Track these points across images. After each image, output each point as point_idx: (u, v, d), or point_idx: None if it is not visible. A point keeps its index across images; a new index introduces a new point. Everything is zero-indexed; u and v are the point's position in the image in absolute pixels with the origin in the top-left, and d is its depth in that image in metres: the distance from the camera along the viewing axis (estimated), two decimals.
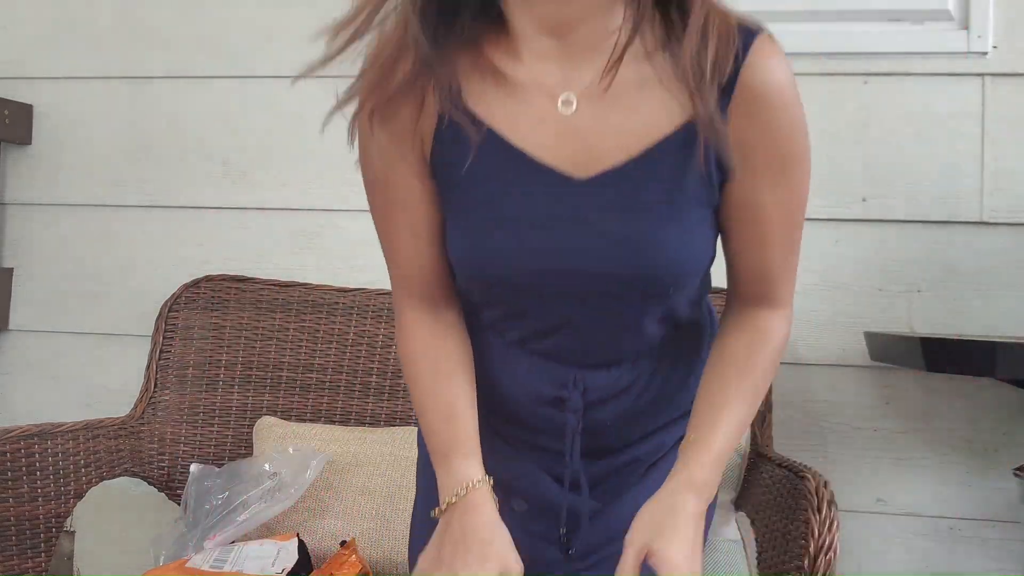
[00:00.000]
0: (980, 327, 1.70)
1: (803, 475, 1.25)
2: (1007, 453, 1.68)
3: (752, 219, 0.91)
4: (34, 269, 2.03)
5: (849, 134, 1.76)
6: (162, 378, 1.76)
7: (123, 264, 2.00)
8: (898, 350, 1.55)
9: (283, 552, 1.41)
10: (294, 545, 1.42)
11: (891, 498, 1.71)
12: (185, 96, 1.99)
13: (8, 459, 1.42)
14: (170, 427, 1.73)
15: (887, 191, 1.74)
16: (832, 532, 1.14)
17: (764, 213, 0.90)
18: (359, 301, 1.78)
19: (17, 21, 2.06)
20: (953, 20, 1.74)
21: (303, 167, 1.93)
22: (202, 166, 1.97)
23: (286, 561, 1.39)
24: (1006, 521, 1.67)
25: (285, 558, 1.39)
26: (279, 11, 1.96)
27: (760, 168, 0.87)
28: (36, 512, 1.45)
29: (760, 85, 0.85)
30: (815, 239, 1.76)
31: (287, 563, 1.38)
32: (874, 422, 1.73)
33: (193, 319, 1.79)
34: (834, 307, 1.75)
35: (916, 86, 1.74)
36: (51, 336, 2.02)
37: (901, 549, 1.71)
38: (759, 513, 1.37)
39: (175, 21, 2.00)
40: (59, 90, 2.04)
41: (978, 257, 1.71)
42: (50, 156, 2.03)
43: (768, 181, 0.88)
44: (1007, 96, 1.71)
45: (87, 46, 2.03)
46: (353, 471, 1.58)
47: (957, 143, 1.72)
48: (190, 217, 1.97)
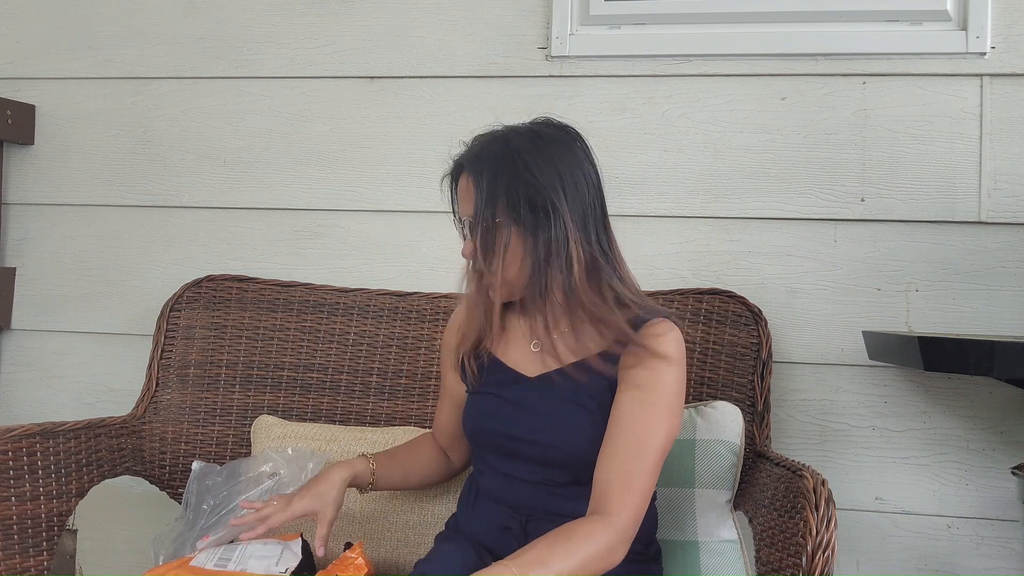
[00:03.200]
0: (978, 326, 1.71)
1: (801, 474, 1.25)
2: (1005, 452, 1.68)
3: (610, 429, 1.23)
4: (36, 269, 2.04)
5: (848, 134, 1.76)
6: (163, 377, 1.76)
7: (125, 264, 2.00)
8: (896, 349, 1.55)
9: (287, 552, 1.41)
10: (298, 545, 1.43)
11: (889, 497, 1.72)
12: (186, 96, 2.00)
13: (10, 458, 1.43)
14: (171, 426, 1.74)
15: (886, 191, 1.75)
16: (830, 531, 1.15)
17: (616, 427, 1.22)
18: (360, 301, 1.79)
19: (20, 22, 2.07)
20: (951, 20, 1.74)
21: (304, 167, 1.94)
22: (203, 166, 1.98)
23: (290, 561, 1.39)
24: (1004, 520, 1.68)
25: (289, 558, 1.40)
26: (279, 11, 1.97)
27: (628, 389, 1.23)
28: (38, 511, 1.46)
29: (645, 346, 1.25)
30: (814, 239, 1.77)
31: (291, 563, 1.38)
32: (872, 421, 1.73)
33: (194, 319, 1.79)
34: (832, 306, 1.75)
35: (915, 86, 1.75)
36: (53, 335, 2.03)
37: (899, 548, 1.71)
38: (757, 512, 1.37)
39: (175, 21, 2.01)
40: (61, 91, 2.05)
41: (976, 257, 1.72)
42: (52, 156, 2.04)
43: (629, 401, 1.23)
44: (1005, 96, 1.72)
45: (89, 47, 2.04)
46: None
47: (955, 143, 1.73)
48: (191, 217, 1.98)
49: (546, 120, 1.30)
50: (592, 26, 1.86)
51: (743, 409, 1.55)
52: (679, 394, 1.25)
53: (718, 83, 1.81)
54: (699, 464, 1.48)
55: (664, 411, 1.22)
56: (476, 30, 1.90)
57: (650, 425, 1.21)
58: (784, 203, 1.78)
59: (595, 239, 1.26)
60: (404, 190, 1.90)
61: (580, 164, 1.26)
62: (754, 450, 1.55)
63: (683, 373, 1.26)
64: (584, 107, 1.85)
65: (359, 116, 1.93)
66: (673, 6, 1.84)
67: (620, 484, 1.18)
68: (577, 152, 1.27)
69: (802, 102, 1.79)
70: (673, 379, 1.24)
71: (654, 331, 1.25)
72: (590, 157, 1.29)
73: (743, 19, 1.81)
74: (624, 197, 1.83)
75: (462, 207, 1.29)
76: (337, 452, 1.62)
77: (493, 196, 1.23)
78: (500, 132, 1.28)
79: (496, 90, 1.88)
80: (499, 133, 1.28)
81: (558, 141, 1.27)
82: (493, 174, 1.23)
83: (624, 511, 1.16)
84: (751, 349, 1.62)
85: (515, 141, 1.25)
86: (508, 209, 1.22)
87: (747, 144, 1.80)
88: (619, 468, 1.19)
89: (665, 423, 1.22)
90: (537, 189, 1.22)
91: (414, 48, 1.92)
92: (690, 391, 1.63)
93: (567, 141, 1.28)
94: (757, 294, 1.73)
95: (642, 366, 1.23)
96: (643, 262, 1.80)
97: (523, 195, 1.22)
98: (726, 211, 1.80)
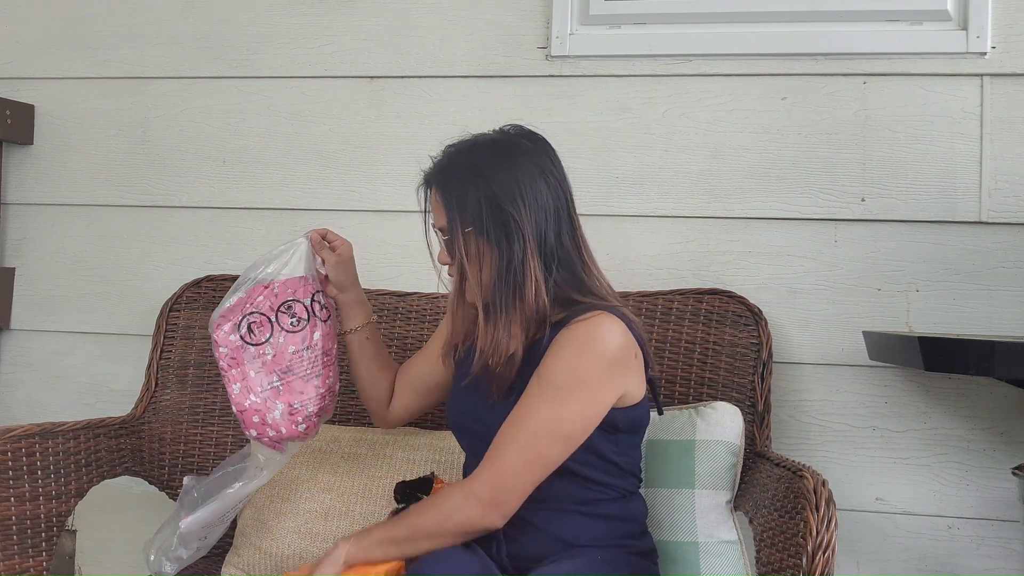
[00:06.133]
0: (978, 327, 1.71)
1: (801, 474, 1.25)
2: (1005, 452, 1.68)
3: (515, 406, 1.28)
4: (36, 269, 2.04)
5: (848, 134, 1.76)
6: (163, 378, 1.76)
7: (124, 264, 2.00)
8: (896, 349, 1.55)
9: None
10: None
11: (889, 497, 1.72)
12: (185, 96, 2.00)
13: (9, 458, 1.43)
14: (171, 426, 1.74)
15: (886, 191, 1.75)
16: (830, 531, 1.14)
17: (518, 403, 1.27)
18: None
19: (19, 22, 2.07)
20: (952, 20, 1.74)
21: (304, 167, 1.94)
22: (203, 166, 1.98)
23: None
24: (1004, 520, 1.67)
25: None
26: (279, 11, 1.97)
27: (538, 369, 1.28)
28: (37, 511, 1.46)
29: (564, 331, 1.28)
30: (814, 239, 1.77)
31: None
32: (872, 421, 1.73)
33: (194, 319, 1.79)
34: (833, 306, 1.75)
35: (915, 86, 1.75)
36: (52, 336, 2.02)
37: (899, 548, 1.71)
38: (757, 512, 1.37)
39: (175, 21, 2.01)
40: (61, 90, 2.04)
41: (976, 257, 1.71)
42: (52, 156, 2.04)
43: (532, 380, 1.27)
44: (1006, 96, 1.72)
45: (89, 46, 2.04)
46: (354, 472, 1.59)
47: (956, 143, 1.73)
48: (191, 217, 1.98)
49: (512, 128, 1.37)
50: (592, 26, 1.86)
51: (743, 409, 1.55)
52: (583, 381, 1.26)
53: (718, 83, 1.81)
54: (699, 464, 1.47)
55: (549, 391, 1.25)
56: (476, 30, 1.90)
57: (530, 403, 1.26)
58: (784, 203, 1.78)
59: (556, 246, 1.31)
60: (404, 190, 1.89)
61: (543, 171, 1.32)
62: (754, 450, 1.55)
63: (605, 363, 1.26)
64: (584, 107, 1.85)
65: (359, 116, 1.93)
66: (673, 6, 1.83)
67: (489, 455, 1.26)
68: (539, 159, 1.33)
69: (802, 102, 1.79)
70: (578, 362, 1.26)
71: (578, 318, 1.28)
72: (554, 162, 1.35)
73: (743, 19, 1.81)
74: (624, 197, 1.82)
75: (435, 218, 1.37)
76: (338, 453, 1.62)
77: (460, 208, 1.30)
78: (466, 144, 1.35)
79: (496, 90, 1.88)
80: (464, 145, 1.35)
81: (520, 150, 1.33)
82: (457, 187, 1.31)
83: (484, 479, 1.24)
84: (751, 349, 1.62)
85: (477, 153, 1.32)
86: (472, 220, 1.29)
87: (747, 144, 1.80)
88: (495, 440, 1.26)
89: (547, 403, 1.25)
90: (497, 200, 1.28)
91: (414, 48, 1.92)
92: (690, 391, 1.63)
93: (530, 149, 1.33)
94: (757, 294, 1.73)
95: (550, 350, 1.28)
96: (643, 262, 1.80)
97: (484, 206, 1.28)
98: (726, 211, 1.79)
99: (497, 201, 1.28)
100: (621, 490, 1.35)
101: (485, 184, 1.29)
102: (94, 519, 1.92)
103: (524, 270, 1.28)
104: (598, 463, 1.31)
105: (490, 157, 1.31)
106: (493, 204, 1.28)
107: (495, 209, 1.28)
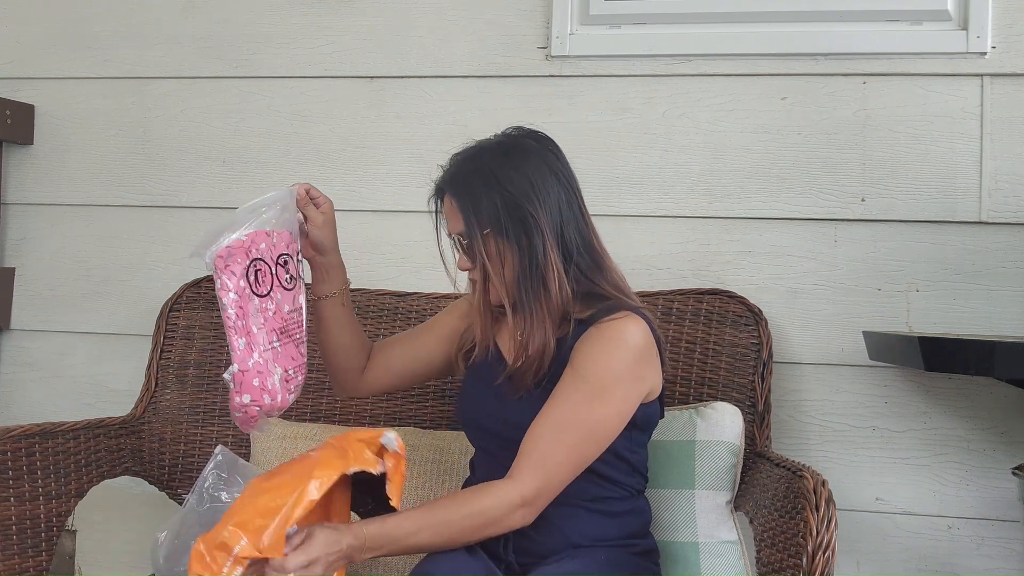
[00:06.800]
0: (978, 327, 1.71)
1: (801, 474, 1.25)
2: (1005, 452, 1.68)
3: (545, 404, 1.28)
4: (36, 269, 2.04)
5: (848, 134, 1.76)
6: (163, 378, 1.76)
7: (124, 264, 2.00)
8: (897, 349, 1.55)
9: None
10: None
11: (889, 497, 1.72)
12: (185, 96, 2.00)
13: (9, 458, 1.43)
14: (171, 426, 1.74)
15: (886, 191, 1.75)
16: (830, 531, 1.14)
17: (548, 402, 1.28)
18: (359, 301, 1.78)
19: (19, 22, 2.07)
20: (952, 20, 1.74)
21: (304, 167, 1.93)
22: (203, 166, 1.98)
23: None
24: (1004, 520, 1.67)
25: None
26: (279, 11, 1.97)
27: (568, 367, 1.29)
28: (37, 511, 1.46)
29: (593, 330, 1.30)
30: (814, 239, 1.77)
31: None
32: (872, 421, 1.73)
33: (194, 319, 1.79)
34: (833, 306, 1.75)
35: (915, 86, 1.75)
36: (52, 336, 2.02)
37: (899, 548, 1.71)
38: (757, 512, 1.37)
39: (174, 21, 2.01)
40: (61, 90, 2.04)
41: (977, 257, 1.71)
42: (52, 156, 2.04)
43: (564, 378, 1.29)
44: (1006, 96, 1.72)
45: (88, 47, 2.04)
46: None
47: (956, 143, 1.73)
48: (191, 217, 1.98)
49: (515, 130, 1.38)
50: (592, 26, 1.86)
51: (743, 409, 1.55)
52: (619, 380, 1.28)
53: (718, 83, 1.81)
54: (699, 465, 1.47)
55: (589, 391, 1.26)
56: (476, 30, 1.90)
57: (573, 405, 1.27)
58: (784, 203, 1.78)
59: (573, 238, 1.33)
60: (404, 190, 1.90)
61: (551, 167, 1.34)
62: (754, 450, 1.55)
63: (634, 362, 1.29)
64: (584, 107, 1.85)
65: (359, 116, 1.93)
66: (673, 6, 1.83)
67: (533, 454, 1.25)
68: (546, 156, 1.35)
69: (802, 102, 1.78)
70: (612, 362, 1.27)
71: (608, 316, 1.30)
72: (561, 160, 1.36)
73: (743, 19, 1.81)
74: (624, 197, 1.82)
75: (450, 225, 1.37)
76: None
77: (476, 211, 1.32)
78: (473, 150, 1.37)
79: (496, 90, 1.88)
80: (472, 151, 1.37)
81: (527, 149, 1.35)
82: (470, 191, 1.33)
83: (530, 478, 1.24)
84: (751, 349, 1.62)
85: (486, 156, 1.34)
86: (490, 221, 1.31)
87: (747, 144, 1.80)
88: (536, 439, 1.26)
89: (587, 404, 1.26)
90: (512, 199, 1.30)
91: (414, 48, 1.92)
92: (690, 391, 1.63)
93: (536, 148, 1.36)
94: (757, 294, 1.73)
95: (581, 348, 1.29)
96: (643, 262, 1.80)
97: (500, 206, 1.30)
98: (726, 211, 1.79)
99: (512, 200, 1.30)
100: (630, 489, 1.36)
101: (498, 185, 1.31)
102: (94, 519, 1.92)
103: (546, 263, 1.30)
104: (613, 460, 1.32)
105: (499, 159, 1.33)
106: (509, 203, 1.30)
107: (511, 208, 1.30)
